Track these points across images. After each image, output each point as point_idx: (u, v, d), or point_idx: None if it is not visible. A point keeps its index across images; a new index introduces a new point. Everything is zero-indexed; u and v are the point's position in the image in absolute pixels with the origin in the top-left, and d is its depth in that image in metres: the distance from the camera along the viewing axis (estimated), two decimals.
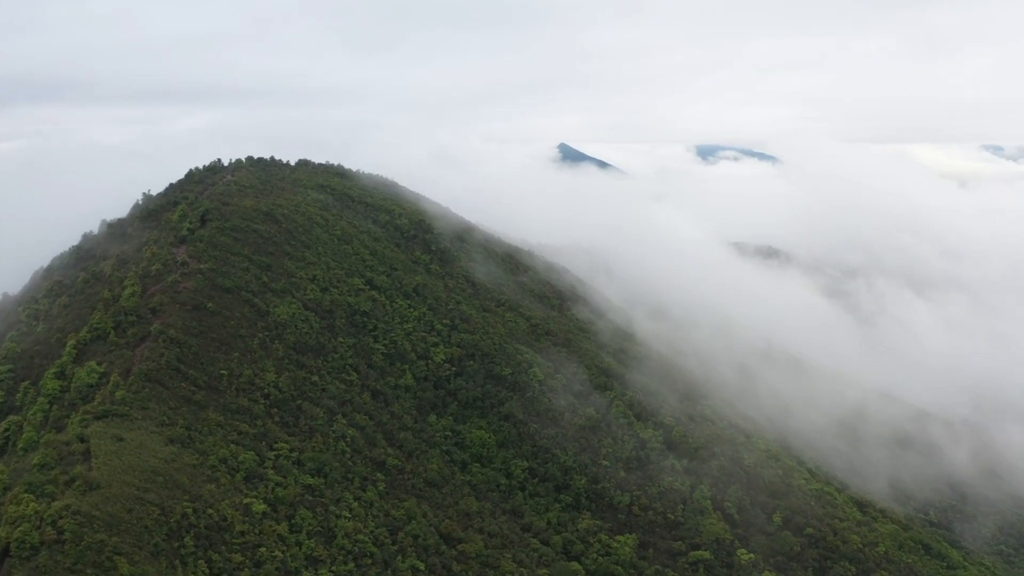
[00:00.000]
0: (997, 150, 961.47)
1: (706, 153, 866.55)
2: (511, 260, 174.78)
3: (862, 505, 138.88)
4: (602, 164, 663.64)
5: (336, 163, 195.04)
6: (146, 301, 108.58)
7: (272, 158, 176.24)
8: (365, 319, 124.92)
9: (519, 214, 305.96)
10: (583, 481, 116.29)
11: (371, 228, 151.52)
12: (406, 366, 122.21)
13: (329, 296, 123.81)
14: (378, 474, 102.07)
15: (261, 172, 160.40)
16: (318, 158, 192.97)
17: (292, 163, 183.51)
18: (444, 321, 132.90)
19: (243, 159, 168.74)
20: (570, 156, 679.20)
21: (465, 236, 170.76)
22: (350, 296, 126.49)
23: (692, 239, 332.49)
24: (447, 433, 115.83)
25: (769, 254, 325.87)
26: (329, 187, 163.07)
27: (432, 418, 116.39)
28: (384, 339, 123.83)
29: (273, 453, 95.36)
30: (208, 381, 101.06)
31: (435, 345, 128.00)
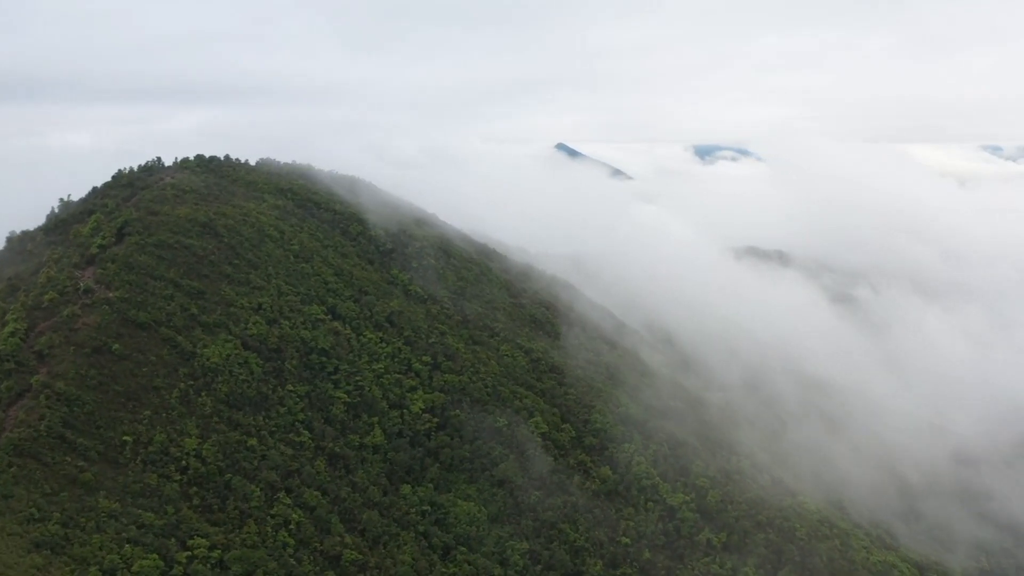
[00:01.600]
0: (996, 150, 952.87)
1: (704, 153, 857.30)
2: (507, 277, 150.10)
3: (923, 568, 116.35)
4: (600, 164, 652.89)
5: (306, 163, 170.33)
6: (31, 343, 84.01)
7: (227, 157, 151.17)
8: (324, 359, 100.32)
9: (515, 218, 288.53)
10: (599, 566, 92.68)
11: (339, 242, 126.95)
12: (375, 419, 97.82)
13: (278, 330, 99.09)
14: (330, 573, 77.39)
15: (209, 173, 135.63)
16: (311, 158, 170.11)
17: (253, 162, 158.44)
18: (424, 358, 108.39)
19: (191, 157, 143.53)
20: (568, 156, 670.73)
21: (454, 249, 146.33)
22: (305, 330, 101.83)
23: (693, 245, 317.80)
24: (425, 508, 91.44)
25: (771, 258, 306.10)
26: (291, 191, 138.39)
27: (406, 489, 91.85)
28: (347, 384, 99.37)
29: (186, 554, 71.14)
30: (105, 452, 76.87)
31: (412, 390, 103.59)
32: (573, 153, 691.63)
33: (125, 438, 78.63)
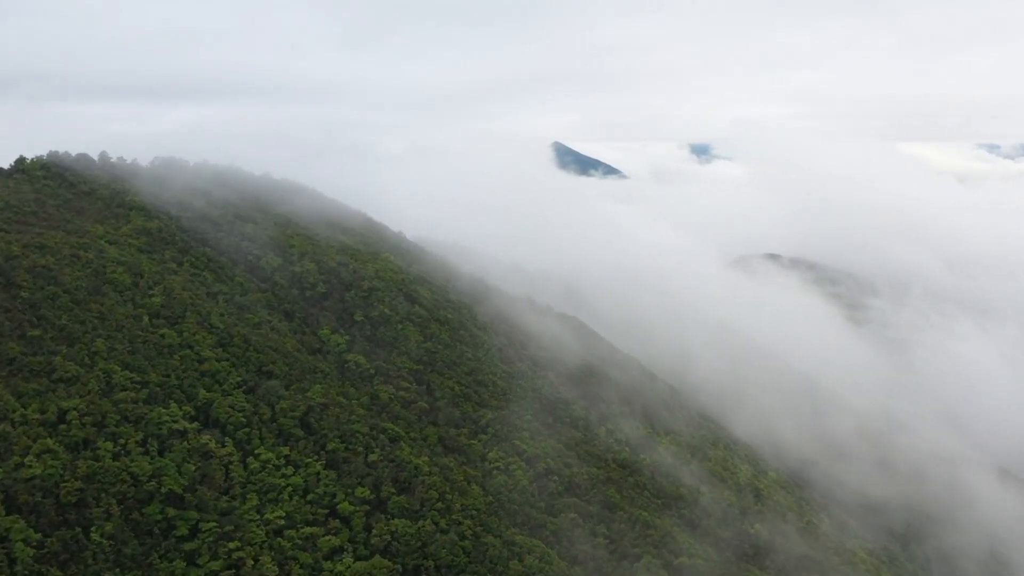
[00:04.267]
0: (993, 148, 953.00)
1: (701, 152, 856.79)
2: (501, 326, 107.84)
3: None
4: (596, 164, 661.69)
5: (229, 163, 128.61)
6: None
7: (104, 155, 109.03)
8: (175, 512, 57.46)
9: (504, 225, 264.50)
10: None
11: (239, 285, 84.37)
12: None
13: (87, 463, 56.49)
14: None
15: (55, 180, 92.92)
16: (303, 156, 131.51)
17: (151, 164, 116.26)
18: (360, 491, 65.91)
19: (44, 156, 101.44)
20: (564, 156, 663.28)
21: (422, 292, 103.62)
22: (144, 457, 59.18)
23: (695, 253, 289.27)
24: None
25: (775, 264, 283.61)
26: (181, 207, 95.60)
27: None
28: (214, 558, 56.67)
29: None
30: None
31: (335, 555, 61.14)
32: (570, 153, 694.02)
33: None
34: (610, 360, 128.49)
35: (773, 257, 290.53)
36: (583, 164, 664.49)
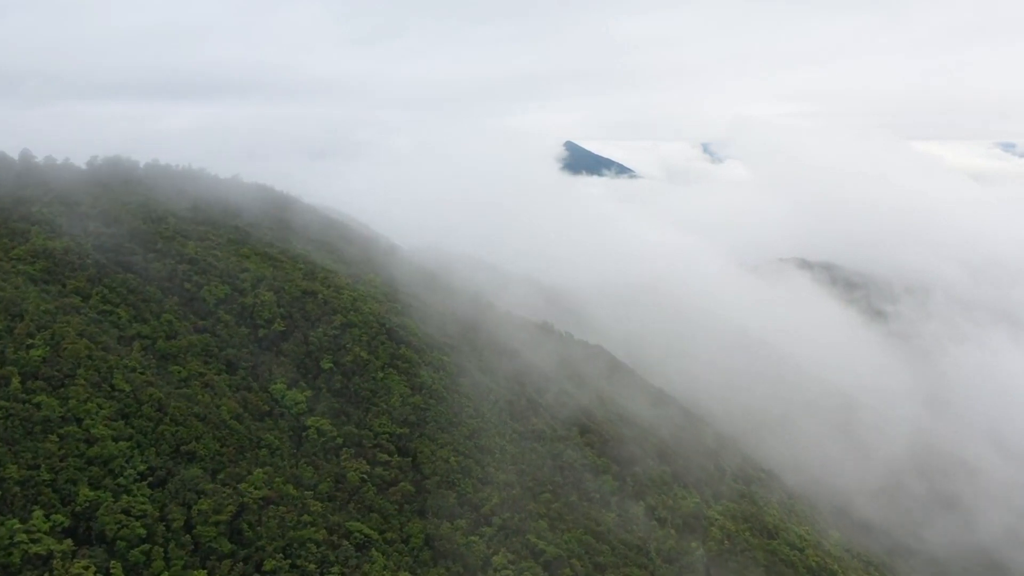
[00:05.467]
0: (1008, 147, 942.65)
1: (714, 151, 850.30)
2: (511, 362, 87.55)
3: None
4: (608, 163, 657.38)
5: (192, 165, 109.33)
6: None
7: (26, 154, 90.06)
8: None
9: (520, 230, 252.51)
10: None
11: (165, 325, 64.37)
12: None
13: None
14: None
15: None
16: (307, 156, 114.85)
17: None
18: None
19: None
20: (576, 155, 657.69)
21: (410, 320, 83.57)
22: None
23: (711, 260, 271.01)
24: None
25: (794, 267, 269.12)
26: (106, 220, 75.95)
27: None
28: None
29: None
30: None
31: None
32: (582, 151, 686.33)
33: None
34: (642, 402, 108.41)
35: (789, 260, 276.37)
36: (595, 163, 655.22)
